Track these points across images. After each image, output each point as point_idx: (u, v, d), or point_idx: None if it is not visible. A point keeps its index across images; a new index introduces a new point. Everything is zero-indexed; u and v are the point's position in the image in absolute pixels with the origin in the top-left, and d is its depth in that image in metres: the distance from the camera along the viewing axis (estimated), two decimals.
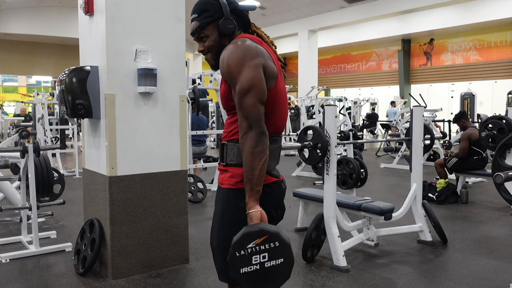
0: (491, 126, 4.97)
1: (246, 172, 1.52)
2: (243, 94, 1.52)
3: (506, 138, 2.61)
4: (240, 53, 1.55)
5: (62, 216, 4.97)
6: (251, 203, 1.53)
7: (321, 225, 3.49)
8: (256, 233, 1.47)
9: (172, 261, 3.37)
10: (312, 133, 3.44)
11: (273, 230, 1.49)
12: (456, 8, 16.19)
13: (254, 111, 1.52)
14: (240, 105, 1.54)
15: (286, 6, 17.15)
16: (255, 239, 1.47)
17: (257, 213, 1.52)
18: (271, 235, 1.48)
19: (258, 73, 1.54)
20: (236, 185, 1.62)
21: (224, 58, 1.58)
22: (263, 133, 1.53)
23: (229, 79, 1.57)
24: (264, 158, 1.53)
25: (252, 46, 1.58)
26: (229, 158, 1.65)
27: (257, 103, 1.53)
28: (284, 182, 1.75)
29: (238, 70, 1.54)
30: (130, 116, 3.12)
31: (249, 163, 1.51)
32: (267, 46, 1.69)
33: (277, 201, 1.69)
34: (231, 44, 1.60)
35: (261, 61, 1.57)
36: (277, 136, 1.68)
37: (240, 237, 1.47)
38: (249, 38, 1.64)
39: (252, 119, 1.52)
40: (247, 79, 1.52)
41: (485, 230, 4.45)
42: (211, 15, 1.65)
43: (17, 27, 17.68)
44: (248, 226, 1.50)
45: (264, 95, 1.56)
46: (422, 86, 19.39)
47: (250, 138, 1.52)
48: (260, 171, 1.52)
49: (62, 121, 9.71)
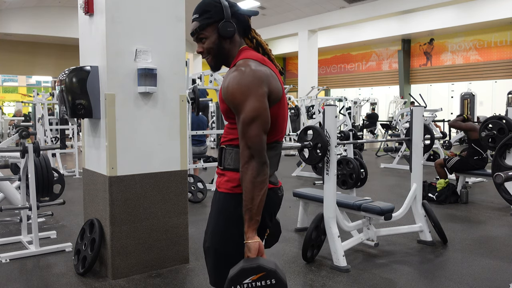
0: (491, 126, 4.98)
1: (246, 202, 1.51)
2: (248, 124, 1.51)
3: (506, 138, 2.61)
4: (245, 81, 1.52)
5: (62, 216, 4.97)
6: (249, 233, 1.51)
7: (321, 225, 3.49)
8: (253, 269, 1.46)
9: (172, 261, 3.37)
10: (312, 133, 3.44)
11: (271, 268, 1.48)
12: (456, 8, 16.19)
13: (257, 141, 1.51)
14: (244, 134, 1.52)
15: (286, 6, 17.14)
16: (252, 275, 1.46)
17: (255, 244, 1.50)
18: (268, 273, 1.47)
19: (263, 103, 1.52)
20: (233, 189, 1.62)
21: (228, 86, 1.55)
22: (264, 163, 1.52)
23: (232, 107, 1.55)
24: (265, 188, 1.52)
25: (256, 72, 1.55)
26: (227, 163, 1.64)
27: (261, 133, 1.52)
28: (281, 190, 1.73)
29: (242, 99, 1.51)
30: (130, 116, 3.12)
31: (250, 192, 1.50)
32: (269, 61, 1.67)
33: (272, 210, 1.68)
34: (235, 71, 1.56)
35: (265, 89, 1.54)
36: (277, 143, 1.67)
37: (237, 272, 1.46)
38: (253, 59, 1.60)
39: (255, 149, 1.51)
40: (252, 109, 1.50)
41: (485, 230, 4.45)
42: (212, 16, 1.64)
43: (17, 27, 17.68)
44: (246, 260, 1.49)
45: (268, 125, 1.54)
46: (422, 86, 19.39)
47: (251, 168, 1.50)
48: (260, 201, 1.51)
49: (62, 121, 9.71)
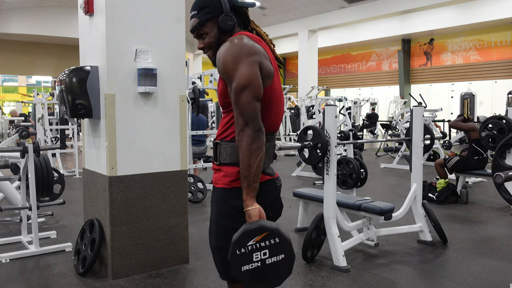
0: (491, 126, 4.98)
1: (243, 169, 1.52)
2: (240, 91, 1.52)
3: (506, 138, 2.61)
4: (236, 50, 1.55)
5: (62, 216, 4.97)
6: (248, 201, 1.52)
7: (321, 225, 3.49)
8: (255, 230, 1.47)
9: (172, 261, 3.37)
10: (312, 133, 3.44)
11: (273, 227, 1.49)
12: (456, 8, 16.19)
13: (250, 107, 1.52)
14: (237, 102, 1.53)
15: (286, 6, 17.15)
16: (255, 236, 1.46)
17: (255, 210, 1.51)
18: (270, 232, 1.48)
19: (254, 70, 1.54)
20: (230, 184, 1.62)
21: (220, 55, 1.58)
22: (259, 130, 1.53)
23: (225, 76, 1.57)
24: (261, 154, 1.53)
25: (248, 43, 1.58)
26: (223, 157, 1.64)
27: (253, 100, 1.53)
28: (279, 180, 1.75)
29: (234, 67, 1.53)
30: (130, 116, 3.12)
31: (246, 160, 1.51)
32: (265, 44, 1.68)
33: (272, 199, 1.69)
34: (227, 42, 1.59)
35: (257, 58, 1.56)
36: (271, 135, 1.68)
37: (239, 235, 1.46)
38: (247, 35, 1.63)
39: (249, 116, 1.52)
40: (243, 76, 1.52)
41: (485, 230, 4.45)
42: (211, 11, 1.64)
43: (17, 27, 17.69)
44: (247, 224, 1.50)
45: (260, 92, 1.55)
46: (422, 86, 19.39)
47: (246, 135, 1.51)
48: (257, 168, 1.52)
49: (62, 121, 9.72)
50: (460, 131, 5.92)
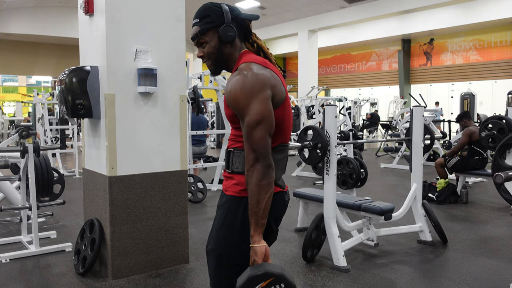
0: (491, 126, 4.98)
1: (252, 205, 1.50)
2: (253, 127, 1.50)
3: (506, 138, 2.61)
4: (248, 85, 1.51)
5: (62, 216, 4.97)
6: (256, 237, 1.50)
7: (321, 225, 3.49)
8: (261, 276, 1.45)
9: (172, 261, 3.37)
10: (312, 133, 3.44)
11: (278, 272, 1.47)
12: (456, 8, 16.19)
13: (262, 144, 1.50)
14: (249, 138, 1.51)
15: (286, 6, 17.14)
16: (261, 282, 1.44)
17: (261, 248, 1.50)
18: (276, 277, 1.46)
19: (267, 106, 1.52)
20: (241, 193, 1.61)
21: (231, 89, 1.54)
22: (269, 166, 1.51)
23: (236, 110, 1.54)
24: (270, 191, 1.51)
25: (259, 75, 1.54)
26: (235, 166, 1.63)
27: (266, 136, 1.51)
28: (287, 194, 1.73)
29: (246, 103, 1.50)
30: (130, 116, 3.12)
31: (255, 196, 1.49)
32: (271, 64, 1.67)
33: (278, 214, 1.67)
34: (238, 75, 1.55)
35: (269, 92, 1.53)
36: (284, 146, 1.66)
37: (245, 281, 1.45)
38: (254, 61, 1.60)
39: (260, 152, 1.50)
40: (256, 112, 1.49)
41: (485, 230, 4.45)
42: (212, 21, 1.63)
43: (17, 27, 17.69)
44: (253, 268, 1.48)
45: (272, 128, 1.54)
46: (422, 86, 19.40)
47: (257, 171, 1.49)
48: (266, 204, 1.50)
49: (62, 121, 9.72)
50: (465, 143, 5.85)
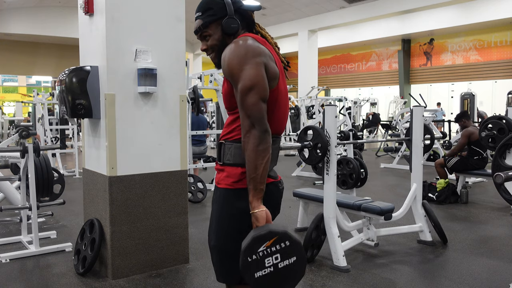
0: (491, 126, 4.98)
1: (249, 171, 1.50)
2: (245, 92, 1.51)
3: (506, 138, 2.61)
4: (242, 51, 1.54)
5: (62, 216, 4.97)
6: (255, 203, 1.51)
7: (321, 225, 3.49)
8: (265, 235, 1.45)
9: (172, 261, 3.37)
10: (312, 133, 3.44)
11: (282, 230, 1.47)
12: (456, 8, 16.20)
13: (256, 109, 1.51)
14: (242, 103, 1.52)
15: (286, 6, 17.15)
16: (265, 242, 1.45)
17: (262, 213, 1.50)
18: (280, 235, 1.46)
19: (260, 71, 1.53)
20: (233, 185, 1.61)
21: (225, 57, 1.57)
22: (266, 131, 1.52)
23: (230, 77, 1.56)
24: (268, 156, 1.51)
25: (253, 44, 1.57)
26: (226, 158, 1.63)
27: (260, 101, 1.52)
28: (281, 183, 1.74)
29: (239, 68, 1.52)
30: (130, 116, 3.12)
31: (252, 161, 1.49)
32: (270, 47, 1.67)
33: (274, 203, 1.68)
34: (232, 43, 1.58)
35: (262, 59, 1.55)
36: (276, 137, 1.67)
37: (250, 242, 1.45)
38: (252, 37, 1.62)
39: (255, 117, 1.51)
40: (249, 77, 1.51)
41: (485, 230, 4.45)
42: (215, 13, 1.64)
43: (17, 27, 17.70)
44: (256, 229, 1.48)
45: (266, 93, 1.54)
46: (422, 86, 19.41)
47: (253, 136, 1.50)
48: (264, 169, 1.50)
49: (62, 121, 9.72)
50: (464, 144, 5.85)
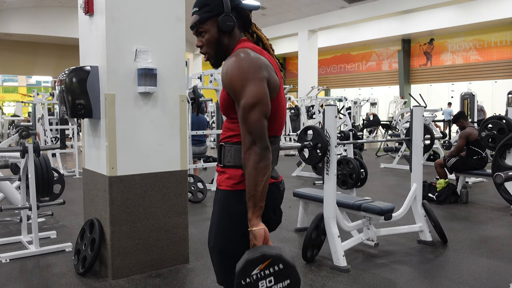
0: (491, 126, 4.98)
1: (249, 188, 1.49)
2: (248, 109, 1.49)
3: (506, 138, 2.61)
4: (244, 67, 1.51)
5: (62, 216, 4.97)
6: (254, 220, 1.50)
7: (321, 225, 3.49)
8: (258, 258, 1.45)
9: (172, 261, 3.37)
10: (312, 133, 3.44)
11: (276, 253, 1.46)
12: (456, 8, 16.20)
13: (258, 126, 1.50)
14: (245, 120, 1.50)
15: (286, 6, 17.15)
16: (259, 265, 1.44)
17: (260, 231, 1.49)
18: (274, 259, 1.45)
19: (263, 88, 1.51)
20: (234, 186, 1.61)
21: (227, 71, 1.54)
22: (266, 148, 1.51)
23: (232, 92, 1.54)
24: (268, 173, 1.51)
25: (255, 58, 1.55)
26: (227, 160, 1.63)
27: (262, 118, 1.50)
28: (282, 184, 1.73)
29: (242, 84, 1.50)
30: (130, 116, 3.12)
31: (253, 178, 1.49)
32: (268, 54, 1.66)
33: (275, 204, 1.67)
34: (234, 56, 1.55)
35: (265, 74, 1.53)
36: (276, 138, 1.66)
37: (243, 265, 1.45)
38: (251, 48, 1.60)
39: (256, 134, 1.49)
40: (252, 94, 1.49)
41: (485, 230, 4.45)
42: (212, 10, 1.62)
43: (17, 27, 17.71)
44: (250, 252, 1.48)
45: (268, 109, 1.53)
46: (422, 86, 19.41)
47: (254, 153, 1.49)
48: (264, 187, 1.49)
49: (62, 121, 9.71)
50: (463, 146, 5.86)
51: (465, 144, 5.88)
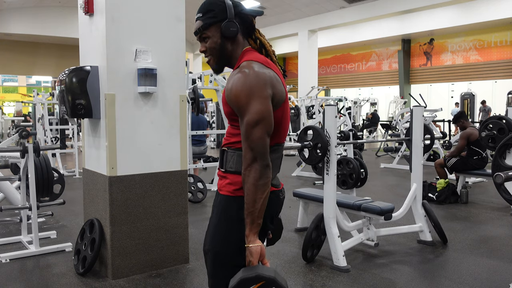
0: (491, 126, 4.98)
1: (248, 205, 1.50)
2: (252, 126, 1.49)
3: (506, 138, 2.61)
4: (249, 84, 1.51)
5: (62, 216, 4.97)
6: (251, 237, 1.50)
7: (321, 225, 3.49)
8: (253, 278, 1.46)
9: (172, 261, 3.37)
10: (312, 133, 3.44)
11: (270, 276, 1.47)
12: (456, 8, 16.20)
13: (261, 143, 1.50)
14: (248, 136, 1.50)
15: (286, 6, 17.15)
16: (252, 285, 1.45)
17: (257, 248, 1.50)
18: (267, 281, 1.46)
19: (268, 106, 1.51)
20: (234, 192, 1.61)
21: (232, 87, 1.54)
22: (267, 166, 1.51)
23: (236, 108, 1.54)
24: (267, 191, 1.51)
25: (260, 74, 1.54)
26: (229, 165, 1.63)
27: (265, 135, 1.51)
28: (283, 192, 1.72)
29: (247, 102, 1.50)
30: (130, 116, 3.12)
31: (252, 195, 1.49)
32: (272, 64, 1.65)
33: (273, 213, 1.67)
34: (239, 73, 1.55)
35: (269, 92, 1.53)
36: (279, 146, 1.66)
37: (236, 283, 1.46)
38: (256, 60, 1.59)
39: (258, 151, 1.49)
40: (256, 111, 1.49)
41: (485, 230, 4.45)
42: (215, 16, 1.62)
43: (17, 27, 17.70)
44: (245, 270, 1.48)
45: (271, 128, 1.53)
46: (422, 86, 19.40)
47: (254, 170, 1.49)
48: (262, 204, 1.50)
49: (62, 121, 9.72)
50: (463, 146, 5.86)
51: (465, 144, 5.88)
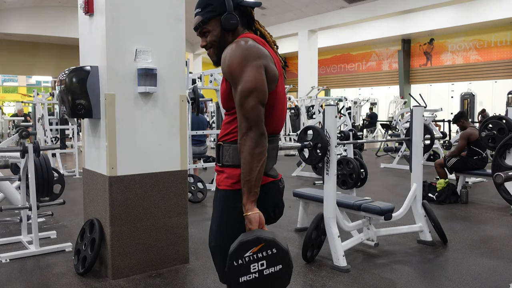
0: (491, 126, 4.98)
1: (244, 174, 1.50)
2: (245, 95, 1.51)
3: (506, 138, 2.61)
4: (243, 53, 1.53)
5: (62, 216, 4.97)
6: (248, 205, 1.51)
7: (321, 225, 3.49)
8: (252, 241, 1.46)
9: (172, 261, 3.37)
10: (312, 133, 3.44)
11: (269, 238, 1.47)
12: (456, 8, 16.20)
13: (255, 112, 1.51)
14: (241, 105, 1.52)
15: (286, 6, 17.15)
16: (252, 248, 1.45)
17: (255, 215, 1.50)
18: (267, 243, 1.47)
19: (261, 74, 1.52)
20: (233, 186, 1.62)
21: (226, 57, 1.56)
22: (262, 135, 1.52)
23: (230, 78, 1.56)
24: (263, 159, 1.52)
25: (255, 46, 1.56)
26: (225, 159, 1.64)
27: (258, 104, 1.52)
28: (282, 181, 1.74)
29: (240, 70, 1.52)
30: (130, 116, 3.12)
31: (248, 164, 1.50)
32: (270, 47, 1.67)
33: (275, 202, 1.68)
34: (234, 44, 1.57)
35: (263, 62, 1.55)
36: (274, 137, 1.67)
37: (236, 247, 1.46)
38: (252, 38, 1.61)
39: (253, 120, 1.51)
40: (249, 80, 1.50)
41: (485, 230, 4.45)
42: (214, 9, 1.63)
43: (17, 27, 17.71)
44: (244, 234, 1.48)
45: (265, 96, 1.54)
46: (422, 86, 19.41)
47: (249, 139, 1.50)
48: (259, 173, 1.51)
49: (62, 121, 9.72)
50: (463, 146, 5.87)
51: (465, 144, 5.89)
